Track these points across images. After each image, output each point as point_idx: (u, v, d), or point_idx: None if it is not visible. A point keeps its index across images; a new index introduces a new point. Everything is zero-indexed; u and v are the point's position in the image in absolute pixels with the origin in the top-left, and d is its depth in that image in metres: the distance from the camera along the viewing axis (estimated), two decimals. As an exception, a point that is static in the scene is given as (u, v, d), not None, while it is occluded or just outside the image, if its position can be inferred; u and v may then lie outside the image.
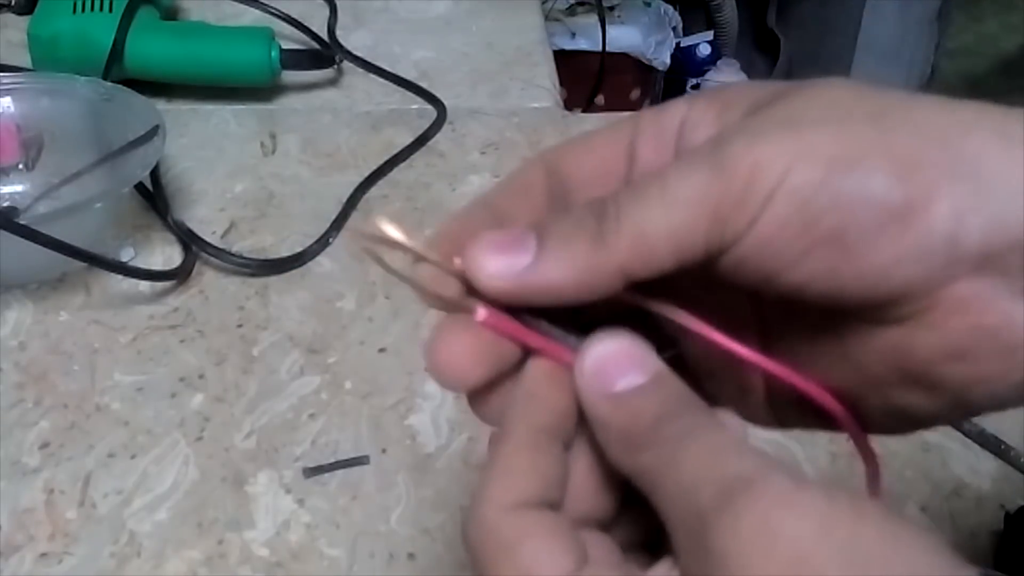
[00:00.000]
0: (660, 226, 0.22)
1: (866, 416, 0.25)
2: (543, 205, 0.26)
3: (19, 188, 0.62)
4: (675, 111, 0.25)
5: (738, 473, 0.20)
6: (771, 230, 0.21)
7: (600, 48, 1.33)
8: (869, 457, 0.25)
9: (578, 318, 0.24)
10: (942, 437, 0.48)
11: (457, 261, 0.23)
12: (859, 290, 0.22)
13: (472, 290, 0.23)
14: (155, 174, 0.62)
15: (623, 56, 1.58)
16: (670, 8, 1.76)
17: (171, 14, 0.82)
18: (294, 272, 0.58)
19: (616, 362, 0.23)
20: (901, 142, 0.21)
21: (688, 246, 0.22)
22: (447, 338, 0.23)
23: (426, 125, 0.72)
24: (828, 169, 0.21)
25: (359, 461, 0.47)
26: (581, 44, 1.50)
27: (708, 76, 1.88)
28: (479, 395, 0.25)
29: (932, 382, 0.23)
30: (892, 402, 0.24)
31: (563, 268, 0.22)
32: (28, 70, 0.72)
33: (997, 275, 0.21)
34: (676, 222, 0.22)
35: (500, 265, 0.23)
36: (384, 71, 0.79)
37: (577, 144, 0.26)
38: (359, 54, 0.80)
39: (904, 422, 0.25)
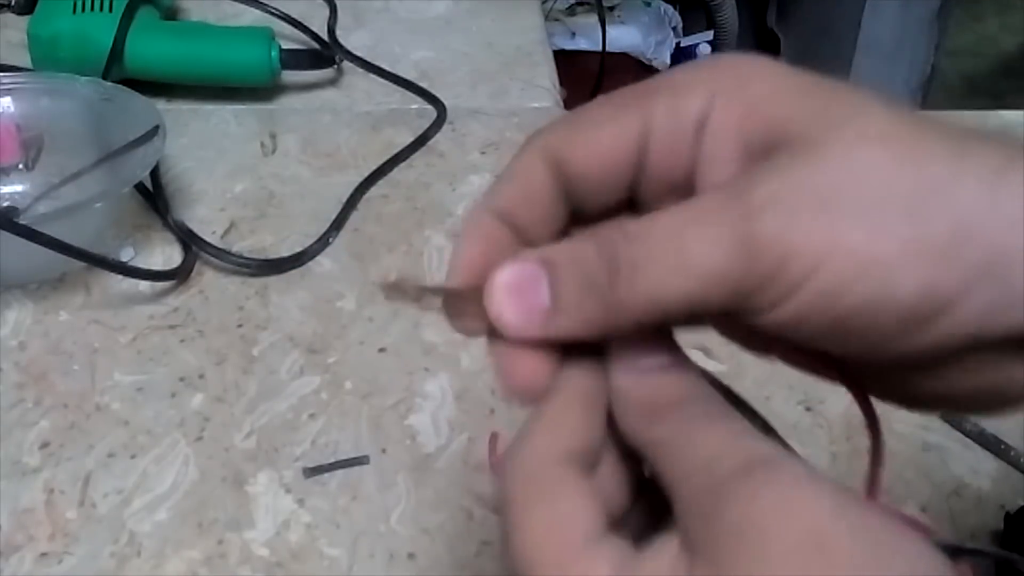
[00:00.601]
0: (677, 294, 0.21)
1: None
2: (553, 206, 0.25)
3: (19, 188, 0.62)
4: (692, 104, 0.24)
5: (758, 452, 0.21)
6: (793, 317, 0.21)
7: (600, 48, 1.33)
8: (873, 426, 0.25)
9: None
10: (942, 437, 0.48)
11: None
12: (877, 361, 0.22)
13: None
14: (155, 174, 0.62)
15: (623, 56, 1.58)
16: (670, 8, 1.76)
17: (171, 14, 0.82)
18: (294, 272, 0.58)
19: (645, 344, 0.24)
20: (937, 236, 0.20)
21: (703, 310, 0.22)
22: (511, 362, 0.24)
23: (426, 125, 0.72)
24: (859, 270, 0.21)
25: (359, 461, 0.47)
26: (581, 44, 1.50)
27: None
28: None
29: (932, 404, 0.24)
30: (887, 399, 0.25)
31: (577, 325, 0.23)
32: (28, 70, 0.72)
33: (1006, 346, 0.22)
34: (695, 293, 0.21)
35: (519, 320, 0.23)
36: (384, 71, 0.79)
37: (581, 135, 0.25)
38: (359, 54, 0.80)
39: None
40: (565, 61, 0.95)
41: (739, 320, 0.22)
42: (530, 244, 0.25)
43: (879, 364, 0.23)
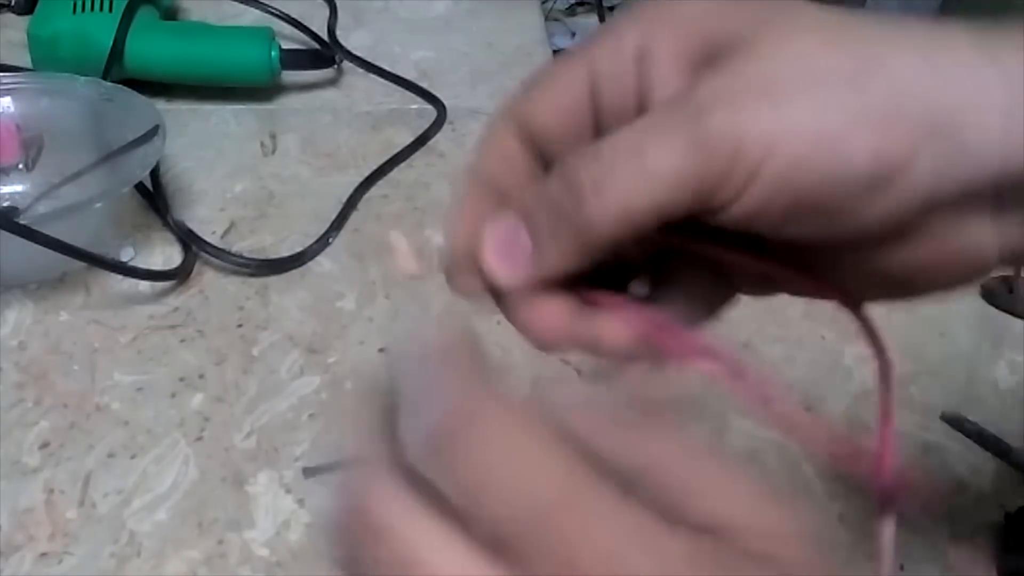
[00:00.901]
0: (642, 201, 0.22)
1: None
2: (528, 166, 0.27)
3: (19, 188, 0.62)
4: (628, 41, 0.25)
5: None
6: (756, 204, 0.22)
7: (600, 48, 1.33)
8: (880, 352, 0.25)
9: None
10: (942, 437, 0.48)
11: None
12: (840, 237, 0.23)
13: None
14: (155, 174, 0.62)
15: (623, 56, 1.58)
16: (670, 8, 1.76)
17: (171, 14, 0.82)
18: (294, 272, 0.58)
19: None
20: (880, 102, 0.21)
21: (671, 214, 0.23)
22: (525, 317, 0.25)
23: (426, 125, 0.72)
24: (810, 147, 0.21)
25: (359, 461, 0.47)
26: (581, 44, 1.50)
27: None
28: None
29: (912, 285, 0.25)
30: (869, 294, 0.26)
31: (559, 258, 0.24)
32: (28, 70, 0.72)
33: (967, 205, 0.22)
34: (659, 197, 0.22)
35: (509, 272, 0.25)
36: (384, 71, 0.79)
37: (538, 95, 0.26)
38: (359, 54, 0.80)
39: None
40: (565, 61, 0.95)
41: (710, 221, 0.23)
42: None
43: (849, 244, 0.23)
